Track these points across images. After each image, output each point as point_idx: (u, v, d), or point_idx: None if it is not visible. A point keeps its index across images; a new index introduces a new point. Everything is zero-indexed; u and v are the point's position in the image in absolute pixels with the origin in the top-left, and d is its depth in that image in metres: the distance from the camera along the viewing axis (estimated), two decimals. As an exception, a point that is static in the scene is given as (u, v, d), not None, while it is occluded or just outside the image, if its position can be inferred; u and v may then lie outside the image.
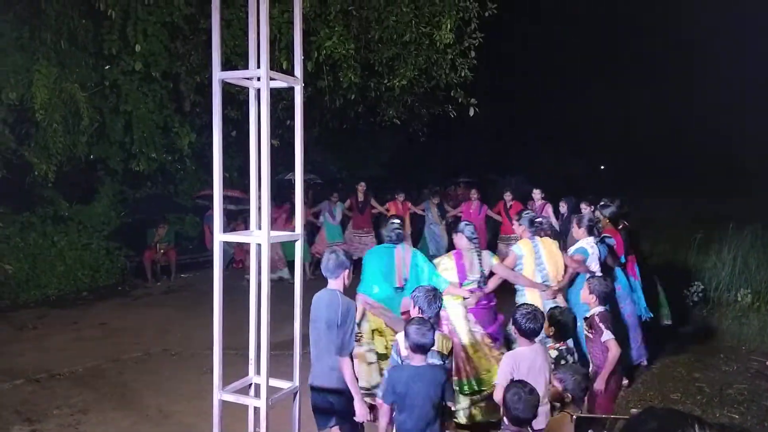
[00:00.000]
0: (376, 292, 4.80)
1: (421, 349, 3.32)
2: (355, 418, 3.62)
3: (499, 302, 5.16)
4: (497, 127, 20.84)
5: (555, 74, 23.22)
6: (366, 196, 11.01)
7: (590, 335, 4.16)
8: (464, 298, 4.83)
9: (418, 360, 3.33)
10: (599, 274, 5.20)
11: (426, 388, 3.25)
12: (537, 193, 9.65)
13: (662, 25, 24.60)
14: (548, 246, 5.19)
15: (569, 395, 3.24)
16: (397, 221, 5.07)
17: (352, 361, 3.61)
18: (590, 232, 5.47)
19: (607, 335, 4.04)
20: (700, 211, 15.12)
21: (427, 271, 4.82)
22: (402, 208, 10.63)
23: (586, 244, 5.43)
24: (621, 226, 6.50)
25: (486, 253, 5.07)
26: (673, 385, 5.89)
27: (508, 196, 10.14)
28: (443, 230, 10.82)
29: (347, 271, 3.69)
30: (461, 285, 4.86)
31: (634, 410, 3.37)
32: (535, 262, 5.09)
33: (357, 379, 3.65)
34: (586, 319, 4.25)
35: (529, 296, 5.01)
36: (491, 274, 5.01)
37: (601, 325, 4.07)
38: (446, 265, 4.94)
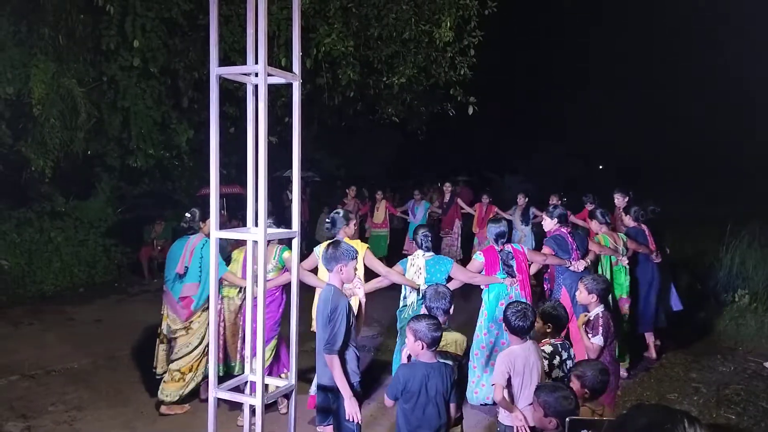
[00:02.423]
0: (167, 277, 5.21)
1: (436, 343, 3.32)
2: (346, 417, 3.54)
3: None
4: (496, 126, 20.84)
5: (554, 73, 23.23)
6: (453, 196, 10.99)
7: (588, 333, 4.09)
8: (242, 288, 5.05)
9: (429, 356, 3.32)
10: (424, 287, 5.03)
11: (439, 384, 3.28)
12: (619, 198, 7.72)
13: (662, 24, 24.61)
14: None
15: (587, 391, 3.26)
16: (188, 215, 5.26)
17: (343, 359, 3.54)
18: (420, 245, 5.22)
19: (597, 340, 3.98)
20: (697, 211, 15.14)
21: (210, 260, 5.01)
22: (487, 210, 10.52)
23: (411, 257, 5.22)
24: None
25: (281, 248, 5.07)
26: (669, 385, 5.89)
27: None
28: (523, 233, 10.29)
29: (340, 265, 3.55)
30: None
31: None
32: None
33: (348, 377, 3.55)
34: (588, 321, 4.16)
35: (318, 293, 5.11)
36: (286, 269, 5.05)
37: (600, 328, 4.00)
38: (236, 257, 5.17)
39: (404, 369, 3.39)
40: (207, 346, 5.04)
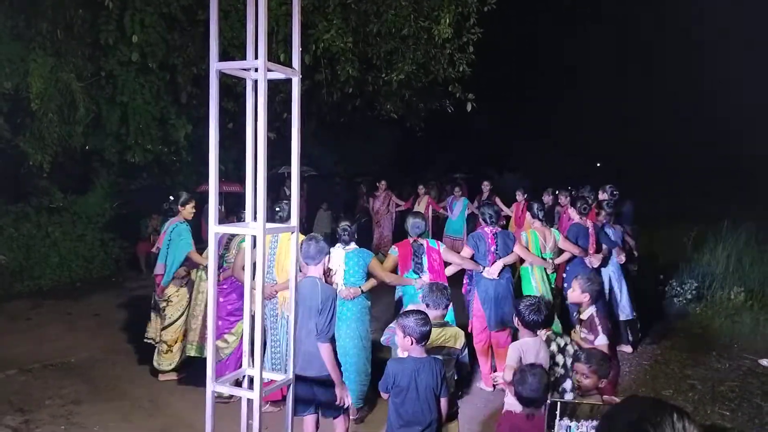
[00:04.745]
0: None
1: (425, 338, 3.33)
2: (336, 402, 3.72)
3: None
4: (495, 123, 20.83)
5: (555, 71, 23.22)
6: (491, 194, 10.95)
7: (588, 337, 4.02)
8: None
9: (418, 351, 3.34)
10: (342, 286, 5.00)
11: (429, 379, 3.29)
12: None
13: (662, 22, 24.62)
14: (284, 242, 5.04)
15: (603, 381, 3.30)
16: (171, 197, 5.97)
17: (334, 346, 3.70)
18: (339, 239, 5.15)
19: (602, 339, 3.95)
20: (695, 209, 15.17)
21: (177, 242, 5.56)
22: (523, 208, 10.21)
23: (332, 249, 5.08)
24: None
25: (240, 239, 5.21)
26: (665, 381, 5.92)
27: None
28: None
29: (325, 258, 3.83)
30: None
31: (613, 398, 3.37)
32: (270, 253, 5.06)
33: (339, 364, 3.73)
34: (581, 321, 4.12)
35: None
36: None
37: (599, 327, 3.98)
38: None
39: (394, 363, 3.42)
40: (187, 319, 5.69)
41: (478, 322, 5.61)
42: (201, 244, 6.02)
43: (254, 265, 2.77)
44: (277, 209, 5.18)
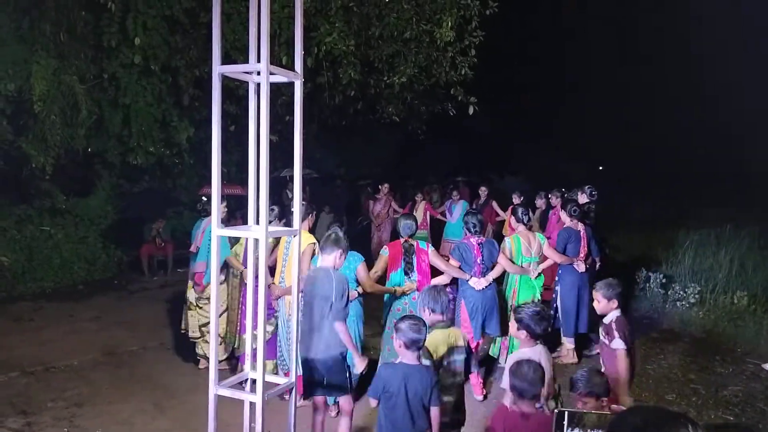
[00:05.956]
0: None
1: (416, 345, 3.28)
2: (355, 370, 4.13)
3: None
4: (496, 126, 20.81)
5: (555, 74, 23.20)
6: (488, 198, 10.98)
7: (606, 341, 3.94)
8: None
9: (410, 358, 3.29)
10: None
11: (419, 387, 3.24)
12: None
13: (663, 26, 24.61)
14: (294, 245, 5.08)
15: (604, 399, 3.21)
16: (204, 198, 6.23)
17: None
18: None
19: (618, 344, 3.82)
20: (696, 212, 15.16)
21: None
22: None
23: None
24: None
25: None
26: (668, 386, 5.90)
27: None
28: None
29: (340, 251, 4.05)
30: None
31: (620, 407, 3.32)
32: (283, 255, 5.25)
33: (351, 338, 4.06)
34: (603, 325, 4.01)
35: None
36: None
37: (616, 333, 3.85)
38: (242, 240, 5.54)
39: (385, 369, 3.41)
40: (228, 312, 5.88)
41: (464, 332, 5.58)
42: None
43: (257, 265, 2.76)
44: (293, 210, 5.24)
